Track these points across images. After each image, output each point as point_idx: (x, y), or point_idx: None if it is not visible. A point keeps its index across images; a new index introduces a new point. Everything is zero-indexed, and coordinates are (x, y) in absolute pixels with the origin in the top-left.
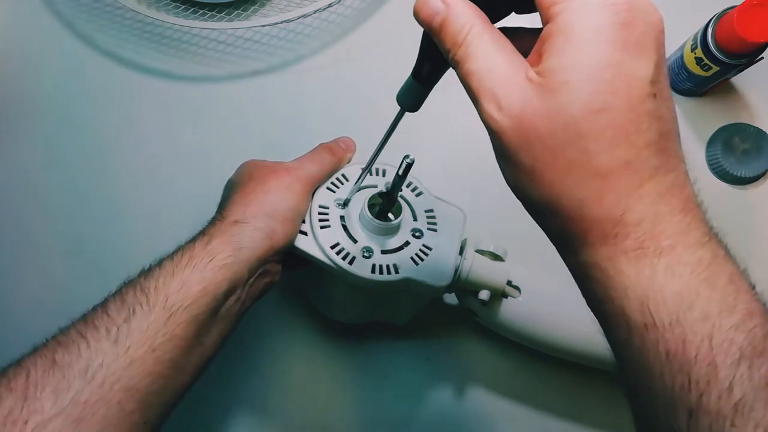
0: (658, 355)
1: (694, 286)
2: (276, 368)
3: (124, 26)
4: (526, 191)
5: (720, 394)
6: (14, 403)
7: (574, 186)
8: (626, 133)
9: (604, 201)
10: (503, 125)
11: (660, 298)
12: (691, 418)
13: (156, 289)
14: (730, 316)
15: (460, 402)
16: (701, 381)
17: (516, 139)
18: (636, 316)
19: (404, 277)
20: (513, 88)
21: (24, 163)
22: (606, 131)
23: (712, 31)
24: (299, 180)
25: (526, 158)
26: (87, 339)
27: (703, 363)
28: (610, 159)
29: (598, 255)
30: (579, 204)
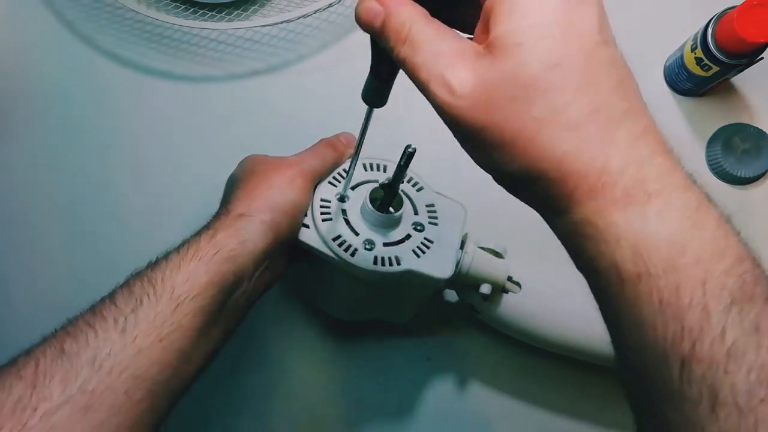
0: (651, 304)
1: (685, 230)
2: (276, 367)
3: (124, 26)
4: (501, 166)
5: (712, 340)
6: (24, 390)
7: (550, 145)
8: (587, 81)
9: (582, 153)
10: (461, 107)
11: (652, 244)
12: (684, 367)
13: (163, 281)
14: (721, 261)
15: (460, 400)
16: (694, 328)
17: (477, 117)
18: (629, 266)
19: (406, 269)
20: (463, 68)
21: (24, 163)
22: (568, 83)
23: (712, 31)
24: (301, 174)
25: (494, 132)
26: (95, 329)
27: (697, 309)
28: (578, 109)
29: (587, 210)
30: (558, 162)
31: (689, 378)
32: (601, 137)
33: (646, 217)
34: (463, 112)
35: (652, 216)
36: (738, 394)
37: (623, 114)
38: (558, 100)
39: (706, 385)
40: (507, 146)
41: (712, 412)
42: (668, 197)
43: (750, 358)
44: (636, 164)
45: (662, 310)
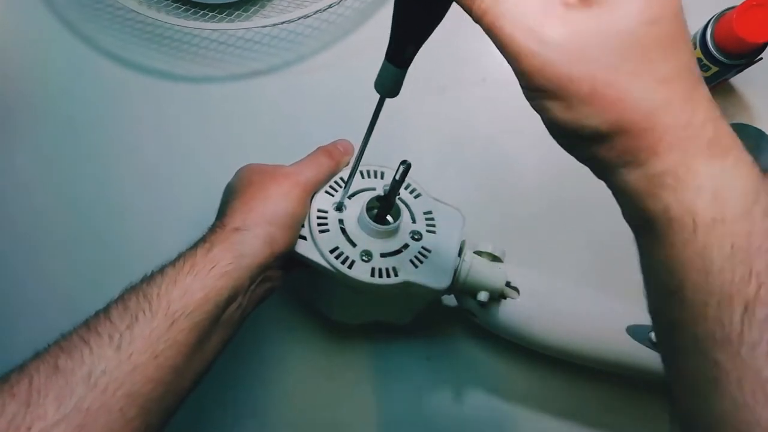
0: (722, 248)
1: (756, 184)
2: (275, 368)
3: (125, 27)
4: (585, 120)
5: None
6: (17, 409)
7: (643, 96)
8: (676, 41)
9: (672, 106)
10: (551, 56)
11: (731, 192)
12: (746, 311)
13: (158, 296)
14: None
15: (459, 402)
16: (762, 272)
17: (568, 66)
18: (706, 212)
19: (403, 280)
20: (552, 17)
21: (24, 164)
22: (662, 41)
23: (711, 31)
24: (298, 185)
25: (583, 83)
26: (90, 345)
27: (766, 254)
28: (670, 66)
29: (671, 160)
30: (648, 113)
31: (751, 321)
32: (687, 94)
33: (725, 169)
34: (553, 61)
35: (729, 168)
36: None
37: (699, 77)
38: (655, 55)
39: (767, 327)
40: (597, 97)
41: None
42: (740, 153)
43: None
44: (713, 121)
45: (733, 254)
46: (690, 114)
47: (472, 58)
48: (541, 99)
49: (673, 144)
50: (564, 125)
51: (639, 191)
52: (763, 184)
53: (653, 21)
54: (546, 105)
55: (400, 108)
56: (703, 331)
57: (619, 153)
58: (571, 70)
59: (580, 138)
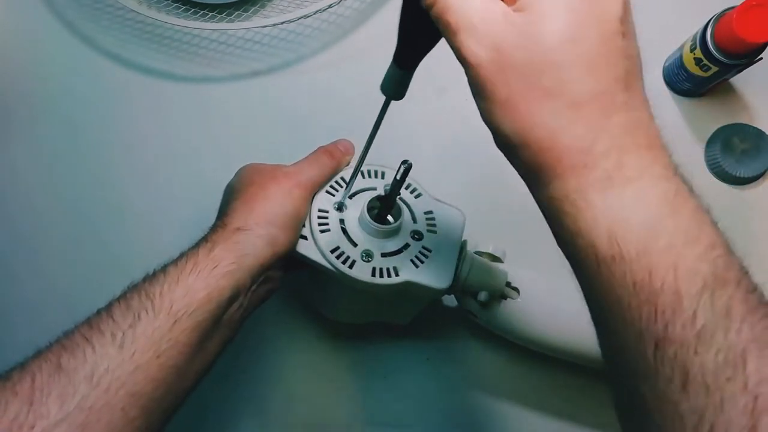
0: (626, 286)
1: (659, 217)
2: (275, 368)
3: (125, 27)
4: (500, 124)
5: (684, 323)
6: (20, 407)
7: (548, 115)
8: (597, 65)
9: (574, 130)
10: (481, 57)
11: (627, 228)
12: (657, 348)
13: (161, 295)
14: (694, 247)
15: (459, 402)
16: (667, 311)
17: (493, 70)
18: (604, 248)
19: (404, 280)
20: (491, 21)
21: (23, 164)
22: (579, 62)
23: (711, 31)
24: (299, 185)
25: (502, 89)
26: (92, 343)
27: (669, 292)
28: (582, 90)
29: (568, 186)
30: (551, 133)
31: (662, 358)
32: (595, 121)
33: (623, 201)
34: (482, 62)
35: (629, 200)
36: (706, 374)
37: (622, 104)
38: (566, 75)
39: (678, 364)
40: (510, 106)
41: (683, 389)
42: (645, 184)
43: (719, 340)
44: (619, 151)
45: (636, 292)
46: (592, 140)
47: None
48: (474, 95)
49: (570, 169)
50: (487, 123)
51: (547, 213)
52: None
53: (574, 40)
54: (476, 102)
55: (401, 108)
56: (625, 361)
57: (528, 167)
58: (495, 75)
59: (499, 143)
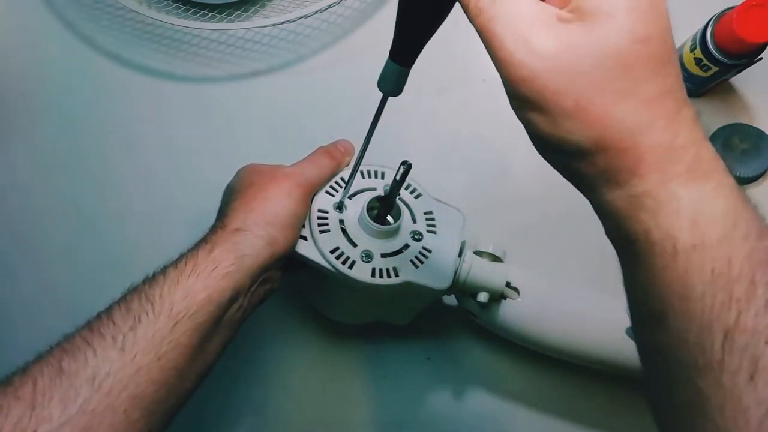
0: (703, 274)
1: (736, 208)
2: (276, 368)
3: (124, 27)
4: (569, 133)
5: (757, 311)
6: (23, 412)
7: (626, 115)
8: (664, 62)
9: (655, 127)
10: (538, 68)
11: (710, 217)
12: (727, 337)
13: (161, 297)
14: (763, 239)
15: (459, 402)
16: (742, 298)
17: (554, 79)
18: (686, 237)
19: (404, 281)
20: (545, 28)
21: (23, 164)
22: (650, 61)
23: (711, 31)
24: (299, 186)
25: (568, 98)
26: (93, 347)
27: (745, 281)
28: (656, 86)
29: (650, 182)
30: (631, 133)
31: (731, 347)
32: (671, 116)
33: (704, 193)
34: (539, 73)
35: (710, 191)
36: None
37: (684, 99)
38: (641, 74)
39: (747, 354)
40: (581, 113)
41: (750, 380)
42: (720, 177)
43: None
44: (696, 145)
45: (713, 280)
46: (672, 136)
47: (472, 58)
48: (526, 110)
49: (654, 166)
50: (547, 139)
51: (619, 212)
52: (743, 208)
53: (642, 40)
54: (530, 117)
55: (401, 108)
56: (684, 356)
57: (600, 171)
58: (557, 84)
59: (562, 153)
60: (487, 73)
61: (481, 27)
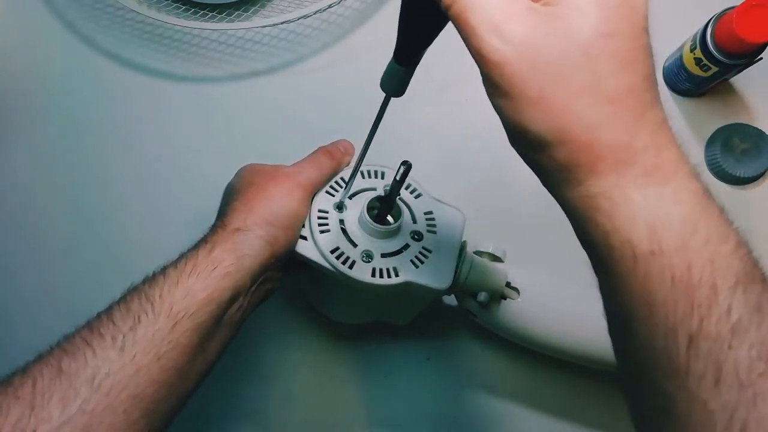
0: (663, 281)
1: (696, 213)
2: (276, 368)
3: (124, 27)
4: (530, 122)
5: (719, 317)
6: (22, 412)
7: (586, 111)
8: (630, 60)
9: (614, 126)
10: (507, 54)
11: (667, 223)
12: (691, 343)
13: (161, 297)
14: (725, 243)
15: (459, 402)
16: (703, 305)
17: (521, 67)
18: (643, 244)
19: (404, 281)
20: (515, 16)
21: (23, 164)
22: (615, 56)
23: (711, 31)
24: (299, 186)
25: (533, 87)
26: (93, 347)
27: (705, 287)
28: (618, 84)
29: (606, 183)
30: (590, 129)
31: (696, 353)
32: (633, 116)
33: (662, 197)
34: (509, 59)
35: (668, 197)
36: (740, 369)
37: (651, 100)
38: (603, 70)
39: (711, 360)
40: (543, 104)
41: (715, 386)
42: (681, 181)
43: (752, 335)
44: (656, 148)
45: (673, 287)
46: (631, 137)
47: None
48: (496, 96)
49: (611, 165)
50: (511, 126)
51: (579, 212)
52: (705, 212)
53: (609, 34)
54: (499, 103)
55: (401, 108)
56: (653, 361)
57: (560, 166)
58: (523, 71)
59: (525, 143)
60: None
61: (456, 15)
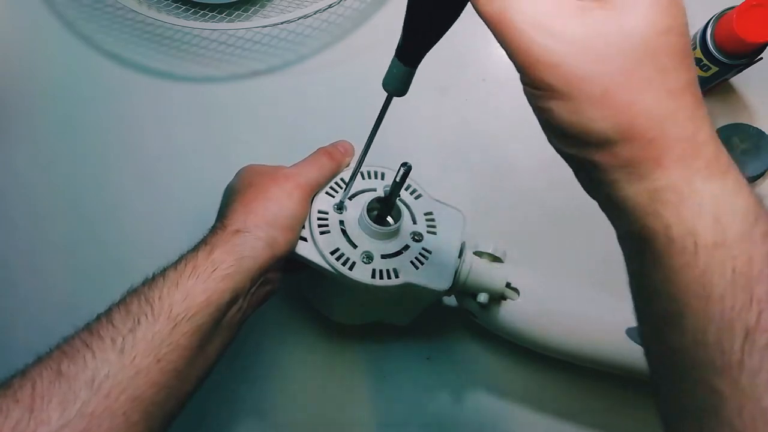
0: (724, 273)
1: (756, 204)
2: (275, 368)
3: (124, 27)
4: (593, 123)
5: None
6: (21, 415)
7: (654, 104)
8: (684, 55)
9: (679, 119)
10: (564, 54)
11: (733, 214)
12: (747, 338)
13: (160, 299)
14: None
15: (460, 402)
16: (763, 298)
17: (583, 67)
18: (708, 234)
19: (404, 282)
20: (567, 15)
21: (23, 164)
22: (673, 51)
23: (711, 31)
24: (299, 187)
25: (596, 84)
26: (92, 349)
27: (766, 280)
28: (678, 78)
29: (674, 175)
30: (658, 123)
31: (751, 348)
32: (693, 109)
33: (725, 189)
34: (565, 59)
35: (731, 188)
36: None
37: (701, 96)
38: (667, 63)
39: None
40: (609, 100)
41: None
42: (737, 175)
43: None
44: (714, 140)
45: (734, 279)
46: (695, 129)
47: (472, 58)
48: (546, 98)
49: (678, 158)
50: (567, 127)
51: (639, 206)
52: (761, 206)
53: (666, 31)
54: (550, 105)
55: (401, 108)
56: (702, 357)
57: (622, 162)
58: (585, 70)
59: (582, 143)
60: (487, 73)
61: (494, 15)
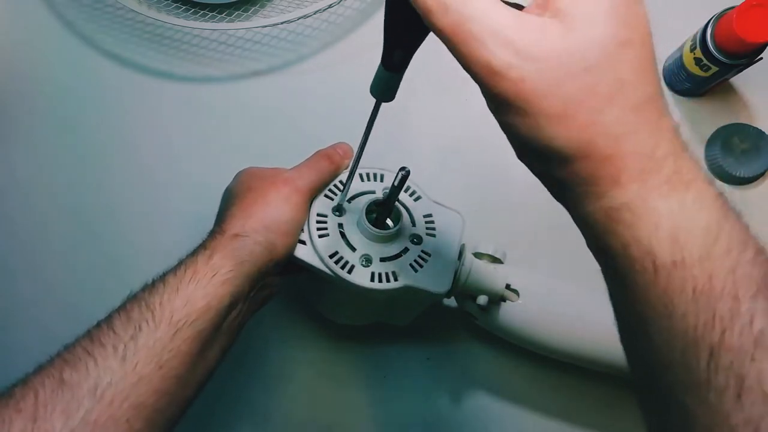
0: (684, 293)
1: (717, 220)
2: (275, 368)
3: (124, 27)
4: (551, 140)
5: (742, 328)
6: (24, 424)
7: (613, 121)
8: (645, 68)
9: (638, 135)
10: (524, 70)
11: (690, 232)
12: (712, 356)
13: (161, 305)
14: (745, 251)
15: (460, 402)
16: (725, 316)
17: (543, 83)
18: (665, 254)
19: (403, 285)
20: (528, 31)
21: (22, 164)
22: (633, 65)
23: (711, 31)
24: (298, 191)
25: (555, 102)
26: (94, 357)
27: (728, 298)
28: (639, 93)
29: (630, 193)
30: (616, 140)
31: (716, 366)
32: (653, 124)
33: (685, 206)
34: (526, 75)
35: (690, 205)
36: (763, 382)
37: (665, 106)
38: (628, 77)
39: (733, 372)
40: (568, 118)
41: (737, 399)
42: (701, 188)
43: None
44: (675, 154)
45: (695, 299)
46: (653, 145)
47: None
48: (508, 114)
49: (636, 175)
50: (528, 143)
51: (598, 225)
52: (725, 219)
53: (626, 43)
54: (513, 121)
55: (401, 110)
56: (671, 375)
57: (580, 180)
58: (544, 87)
59: (543, 159)
60: None
61: (449, 27)
